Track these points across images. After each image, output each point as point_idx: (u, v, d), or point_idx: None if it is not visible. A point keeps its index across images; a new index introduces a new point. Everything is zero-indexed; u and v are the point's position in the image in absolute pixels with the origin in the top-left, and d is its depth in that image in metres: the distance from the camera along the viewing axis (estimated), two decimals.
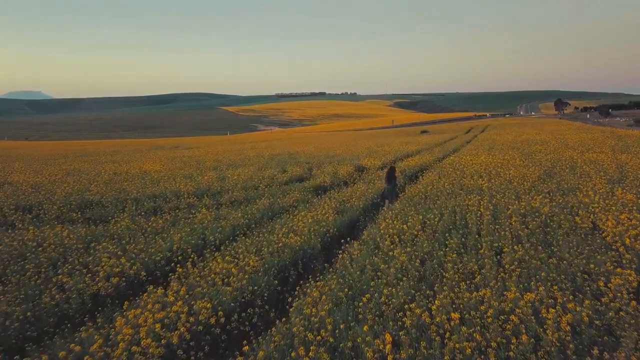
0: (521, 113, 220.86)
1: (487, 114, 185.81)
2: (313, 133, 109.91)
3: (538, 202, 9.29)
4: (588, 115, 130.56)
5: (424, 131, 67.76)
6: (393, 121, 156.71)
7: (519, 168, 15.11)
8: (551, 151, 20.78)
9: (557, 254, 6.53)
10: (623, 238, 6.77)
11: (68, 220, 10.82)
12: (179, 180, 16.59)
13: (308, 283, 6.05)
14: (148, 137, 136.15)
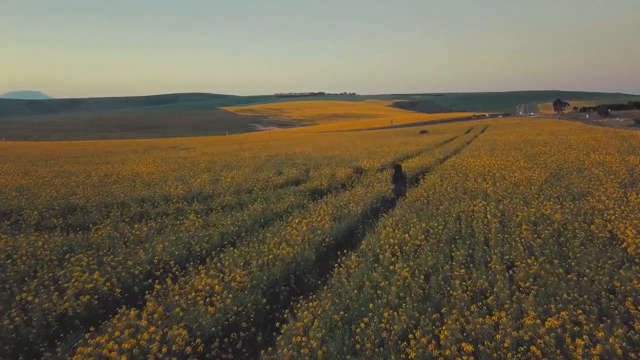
0: (520, 113, 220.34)
1: (486, 114, 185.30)
2: (312, 133, 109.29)
3: (549, 209, 8.67)
4: (587, 115, 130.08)
5: (424, 131, 67.16)
6: (392, 121, 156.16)
7: (524, 170, 14.50)
8: (555, 152, 20.17)
9: (576, 269, 5.91)
10: None
11: (48, 227, 10.18)
12: (170, 182, 15.95)
13: (299, 303, 5.41)
14: (147, 138, 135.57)
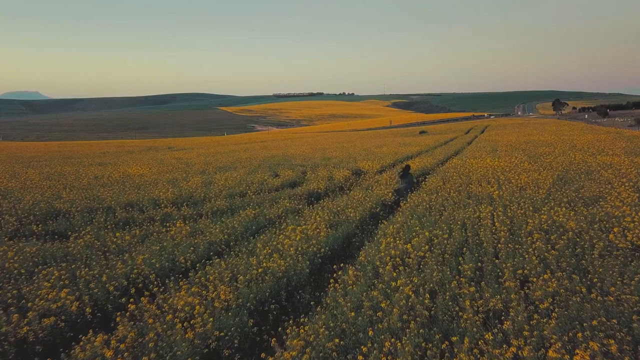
0: (519, 113, 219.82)
1: (485, 114, 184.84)
2: (310, 133, 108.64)
3: (561, 216, 8.06)
4: (586, 115, 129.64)
5: (423, 132, 66.58)
6: (391, 122, 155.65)
7: (530, 173, 13.90)
8: (559, 153, 19.59)
9: (598, 286, 5.30)
10: None
11: (26, 234, 9.54)
12: (161, 185, 15.31)
13: (290, 328, 4.79)
14: (145, 138, 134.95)
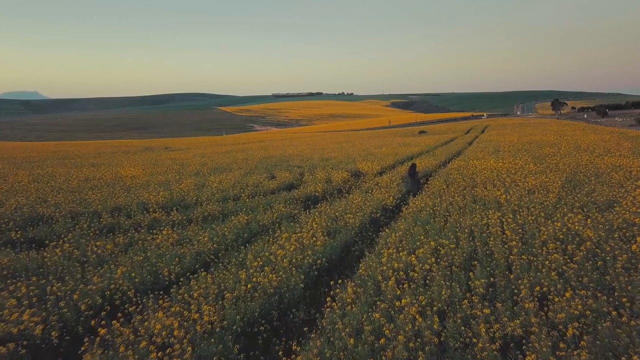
0: (518, 113, 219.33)
1: (484, 114, 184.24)
2: (309, 133, 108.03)
3: (576, 223, 7.47)
4: (585, 115, 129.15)
5: (422, 132, 65.98)
6: (390, 121, 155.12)
7: (536, 175, 13.32)
8: (565, 154, 19.01)
9: (628, 307, 4.72)
10: None
11: (2, 242, 8.92)
12: (152, 188, 14.70)
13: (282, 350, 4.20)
14: (143, 138, 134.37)
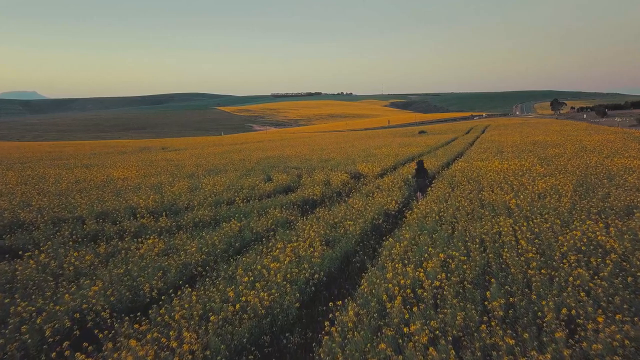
0: (517, 113, 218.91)
1: (483, 114, 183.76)
2: (308, 133, 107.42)
3: (597, 232, 6.85)
4: (585, 115, 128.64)
5: (422, 132, 65.36)
6: (389, 121, 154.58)
7: (545, 178, 12.70)
8: (571, 155, 18.39)
9: None
10: None
11: None
12: (143, 191, 14.05)
13: None
14: (142, 138, 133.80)
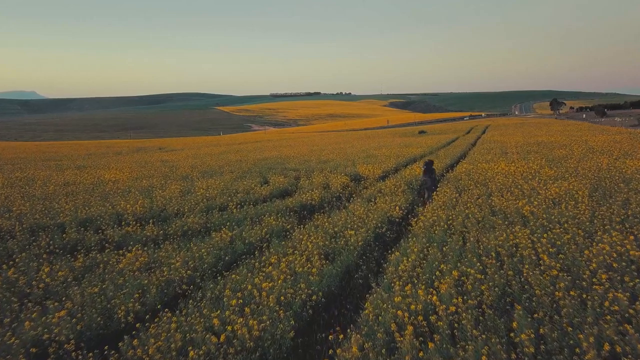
0: (516, 113, 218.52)
1: (483, 114, 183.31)
2: (307, 133, 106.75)
3: (628, 246, 6.14)
4: (584, 115, 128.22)
5: (422, 131, 64.70)
6: (388, 121, 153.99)
7: (556, 181, 12.02)
8: (580, 157, 17.71)
9: None
10: None
11: None
12: (133, 195, 13.32)
13: None
14: (141, 138, 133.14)
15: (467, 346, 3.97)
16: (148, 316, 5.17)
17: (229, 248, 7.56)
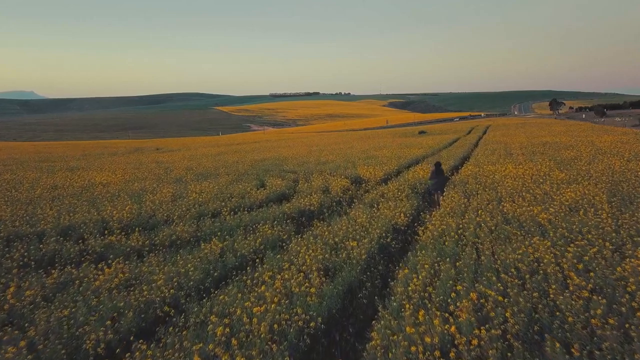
0: (516, 113, 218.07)
1: (482, 114, 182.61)
2: (306, 133, 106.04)
3: None
4: (584, 115, 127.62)
5: (422, 132, 63.99)
6: (387, 121, 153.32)
7: (570, 185, 11.34)
8: (590, 158, 17.02)
9: None
10: None
11: None
12: (121, 200, 12.62)
13: None
14: (140, 138, 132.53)
15: None
16: (118, 350, 4.46)
17: (219, 262, 6.85)
